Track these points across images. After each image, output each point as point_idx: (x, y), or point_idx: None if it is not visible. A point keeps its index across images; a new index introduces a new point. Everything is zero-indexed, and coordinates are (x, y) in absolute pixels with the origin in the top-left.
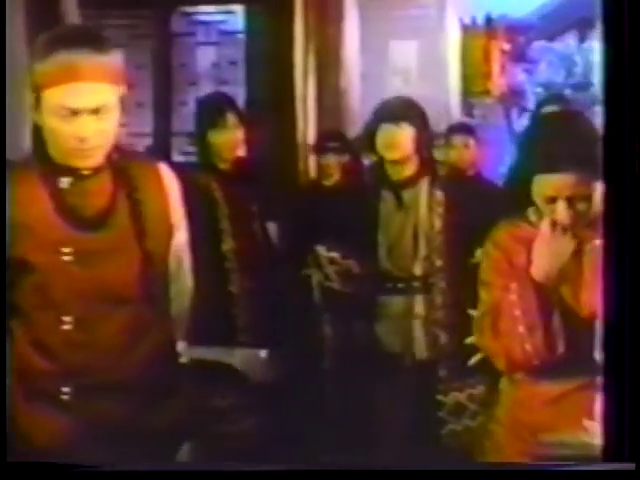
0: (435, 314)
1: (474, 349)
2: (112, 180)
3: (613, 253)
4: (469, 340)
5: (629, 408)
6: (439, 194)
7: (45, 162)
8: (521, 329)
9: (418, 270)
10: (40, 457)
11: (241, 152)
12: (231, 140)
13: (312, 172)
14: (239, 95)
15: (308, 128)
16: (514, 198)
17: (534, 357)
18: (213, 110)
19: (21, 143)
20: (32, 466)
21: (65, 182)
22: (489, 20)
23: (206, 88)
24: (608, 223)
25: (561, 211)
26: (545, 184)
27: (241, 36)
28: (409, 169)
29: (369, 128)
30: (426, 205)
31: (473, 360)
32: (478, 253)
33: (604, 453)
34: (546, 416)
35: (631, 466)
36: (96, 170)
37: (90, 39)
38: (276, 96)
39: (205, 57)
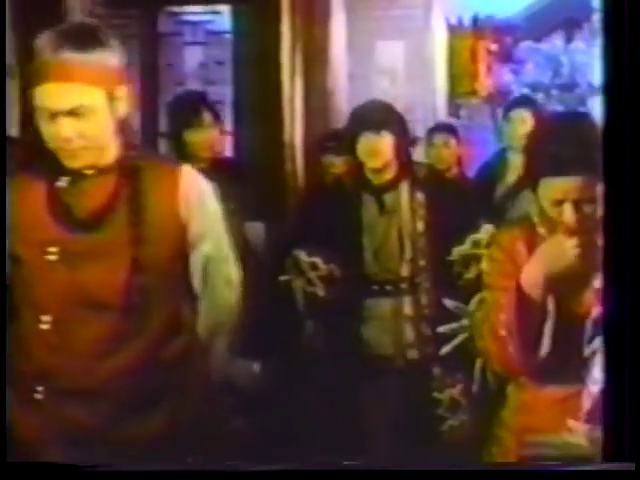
0: (422, 313)
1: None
2: (116, 182)
3: (613, 253)
4: (441, 329)
5: (629, 408)
6: (419, 196)
7: (45, 160)
8: (502, 332)
9: (405, 272)
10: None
11: (227, 152)
12: (207, 139)
13: (300, 173)
14: (226, 95)
15: (295, 128)
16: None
17: (516, 360)
18: (188, 109)
19: None
20: (32, 466)
21: (63, 181)
22: (476, 21)
23: (193, 88)
24: (608, 224)
25: (568, 214)
26: (552, 187)
27: (228, 36)
28: (389, 174)
29: (348, 134)
30: (408, 207)
31: (445, 349)
32: (455, 251)
33: (604, 453)
34: (551, 419)
35: (631, 466)
36: (100, 170)
37: (77, 37)
38: (263, 96)
39: (192, 57)
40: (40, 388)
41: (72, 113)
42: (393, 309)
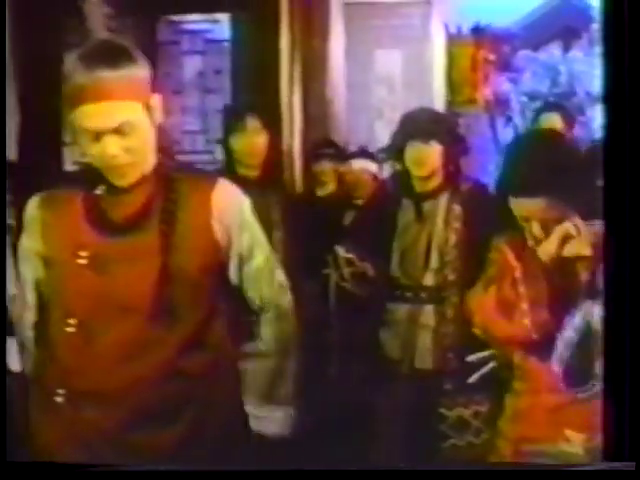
0: (443, 327)
1: (478, 366)
2: (152, 190)
3: (614, 254)
4: (470, 358)
5: (629, 408)
6: (457, 208)
7: (84, 173)
8: (524, 306)
9: (428, 281)
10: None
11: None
12: (251, 145)
13: (300, 181)
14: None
15: (294, 137)
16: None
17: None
18: (233, 114)
19: None
20: (32, 466)
21: (101, 189)
22: (474, 30)
23: (191, 97)
24: (609, 229)
25: (536, 231)
26: (519, 205)
27: (227, 45)
28: (433, 182)
29: (396, 141)
30: (442, 218)
31: (474, 377)
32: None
33: (604, 453)
34: (547, 428)
35: (631, 466)
36: (136, 183)
37: (107, 55)
38: (262, 105)
39: (190, 66)
40: (61, 391)
41: (117, 131)
42: (410, 316)
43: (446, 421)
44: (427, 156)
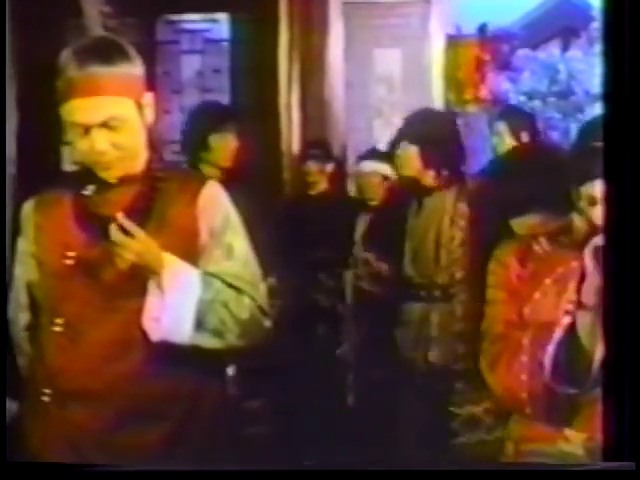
0: (454, 325)
1: None
2: (138, 192)
3: (614, 254)
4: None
5: (629, 408)
6: (463, 207)
7: (71, 173)
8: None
9: (439, 279)
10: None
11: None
12: (229, 147)
13: (296, 181)
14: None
15: (292, 136)
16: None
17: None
18: (214, 114)
19: None
20: (32, 466)
21: (89, 190)
22: (473, 29)
23: (190, 96)
24: (609, 231)
25: (544, 245)
26: (520, 225)
27: (226, 44)
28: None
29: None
30: (450, 216)
31: None
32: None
33: (604, 453)
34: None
35: (631, 466)
36: (123, 180)
37: (101, 51)
38: (260, 104)
39: (189, 65)
40: (48, 391)
41: (105, 125)
42: (424, 315)
43: (457, 419)
44: (408, 157)
